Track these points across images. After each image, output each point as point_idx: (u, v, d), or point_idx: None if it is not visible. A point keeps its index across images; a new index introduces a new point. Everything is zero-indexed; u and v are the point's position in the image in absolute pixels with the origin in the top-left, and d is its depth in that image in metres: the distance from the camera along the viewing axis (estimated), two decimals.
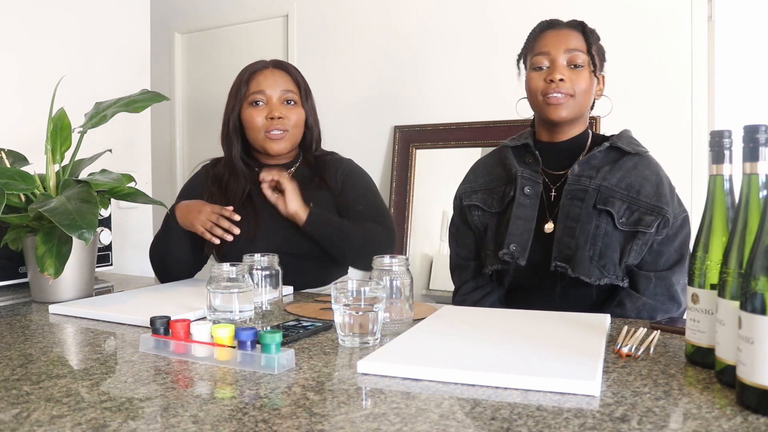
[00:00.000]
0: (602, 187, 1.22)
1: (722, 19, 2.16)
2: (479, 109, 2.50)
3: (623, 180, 1.23)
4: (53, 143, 1.32)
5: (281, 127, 1.53)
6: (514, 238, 1.26)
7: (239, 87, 1.56)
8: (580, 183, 1.24)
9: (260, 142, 1.54)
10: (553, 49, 1.26)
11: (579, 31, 1.28)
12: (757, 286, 0.62)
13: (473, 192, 1.39)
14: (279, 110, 1.52)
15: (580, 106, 1.27)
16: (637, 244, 1.21)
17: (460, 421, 0.62)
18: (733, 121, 2.12)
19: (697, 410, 0.64)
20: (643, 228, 1.20)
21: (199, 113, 3.27)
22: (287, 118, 1.53)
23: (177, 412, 0.65)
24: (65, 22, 2.07)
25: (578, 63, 1.25)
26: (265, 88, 1.53)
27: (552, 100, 1.25)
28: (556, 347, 0.84)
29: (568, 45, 1.26)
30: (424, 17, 2.65)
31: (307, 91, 1.60)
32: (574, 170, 1.26)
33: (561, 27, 1.29)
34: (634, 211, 1.21)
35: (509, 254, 1.25)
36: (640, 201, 1.21)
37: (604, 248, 1.21)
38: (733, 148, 0.77)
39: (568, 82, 1.24)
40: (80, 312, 1.15)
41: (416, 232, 2.60)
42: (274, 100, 1.53)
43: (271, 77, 1.55)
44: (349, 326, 0.90)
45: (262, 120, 1.53)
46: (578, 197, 1.23)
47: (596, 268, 1.20)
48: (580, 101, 1.26)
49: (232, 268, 1.02)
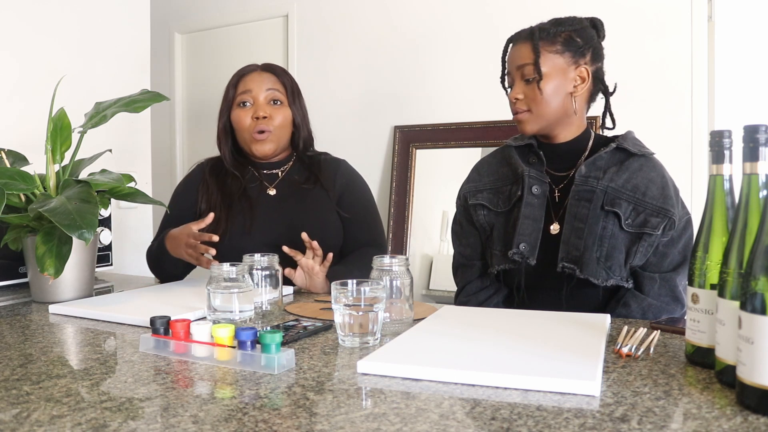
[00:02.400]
0: (609, 188, 1.22)
1: (722, 19, 2.16)
2: (479, 109, 2.50)
3: (629, 181, 1.23)
4: (53, 143, 1.32)
5: (266, 127, 1.54)
6: (523, 237, 1.26)
7: (228, 90, 1.60)
8: (587, 184, 1.24)
9: (248, 143, 1.57)
10: (511, 65, 1.31)
11: (528, 41, 1.27)
12: (757, 286, 0.62)
13: (478, 191, 1.38)
14: (264, 110, 1.55)
15: (543, 116, 1.27)
16: (642, 246, 1.21)
17: (460, 421, 0.62)
18: (733, 121, 2.12)
19: (697, 410, 0.64)
20: (649, 230, 1.20)
21: (199, 113, 3.27)
22: (272, 117, 1.55)
23: (177, 412, 0.65)
24: (65, 22, 2.07)
25: (528, 77, 1.27)
26: (252, 88, 1.56)
27: (516, 118, 1.31)
28: (556, 347, 0.84)
29: (518, 61, 1.28)
30: (424, 17, 2.65)
31: (295, 92, 1.61)
32: (581, 171, 1.25)
33: (517, 41, 1.30)
34: (639, 212, 1.21)
35: (519, 254, 1.25)
36: (646, 203, 1.21)
37: (610, 249, 1.21)
38: (733, 148, 0.77)
39: (524, 99, 1.28)
40: (80, 312, 1.15)
41: (416, 232, 2.60)
42: (260, 100, 1.56)
43: (257, 78, 1.58)
44: (349, 326, 0.90)
45: (248, 120, 1.55)
46: (586, 198, 1.23)
47: (603, 269, 1.20)
48: (540, 111, 1.27)
49: (232, 268, 1.02)
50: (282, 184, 1.59)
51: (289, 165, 1.63)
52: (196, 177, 1.64)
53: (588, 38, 1.28)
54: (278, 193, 1.58)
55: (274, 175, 1.61)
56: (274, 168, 1.62)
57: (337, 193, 1.58)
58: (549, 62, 1.25)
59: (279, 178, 1.61)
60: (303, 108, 1.63)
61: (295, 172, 1.61)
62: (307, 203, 1.56)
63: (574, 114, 1.29)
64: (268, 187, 1.59)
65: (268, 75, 1.59)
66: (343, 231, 1.57)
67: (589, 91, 1.30)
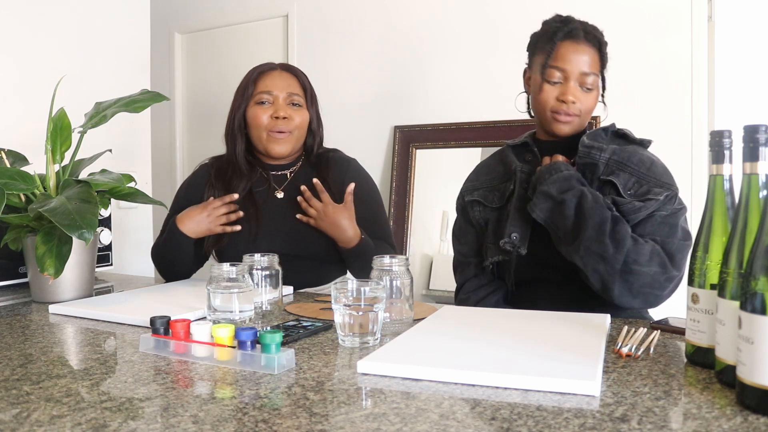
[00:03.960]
0: (611, 161, 1.23)
1: (722, 19, 2.16)
2: (479, 109, 2.50)
3: (634, 155, 1.24)
4: (53, 143, 1.32)
5: (285, 128, 1.53)
6: (515, 228, 1.27)
7: (246, 86, 1.57)
8: (590, 156, 1.24)
9: (263, 142, 1.55)
10: (570, 66, 1.25)
11: (596, 49, 1.27)
12: (757, 286, 0.62)
13: (474, 189, 1.41)
14: (284, 110, 1.53)
15: (583, 123, 1.31)
16: (642, 213, 1.19)
17: (460, 421, 0.62)
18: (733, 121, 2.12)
19: (697, 410, 0.64)
20: (652, 196, 1.19)
21: (199, 113, 3.27)
22: (291, 118, 1.54)
23: (177, 412, 0.65)
24: (65, 22, 2.07)
25: (590, 86, 1.26)
26: (273, 88, 1.55)
27: (560, 118, 1.27)
28: (556, 347, 0.84)
29: (584, 67, 1.25)
30: (424, 17, 2.65)
31: (313, 96, 1.61)
32: (584, 142, 1.25)
33: (580, 41, 1.26)
34: (643, 184, 1.21)
35: (510, 243, 1.26)
36: (650, 176, 1.21)
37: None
38: (733, 148, 0.77)
39: (578, 104, 1.26)
40: (80, 312, 1.15)
41: (416, 232, 2.60)
42: (280, 101, 1.54)
43: (279, 78, 1.57)
44: (349, 326, 0.90)
45: (266, 118, 1.53)
46: (589, 170, 1.24)
47: None
48: (584, 119, 1.30)
49: (232, 268, 1.02)
50: (290, 187, 1.58)
51: (297, 166, 1.62)
52: (202, 177, 1.63)
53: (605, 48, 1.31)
54: (286, 195, 1.57)
55: (282, 177, 1.61)
56: (282, 169, 1.61)
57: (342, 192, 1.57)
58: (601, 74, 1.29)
59: (287, 180, 1.60)
60: (318, 112, 1.63)
61: (303, 173, 1.61)
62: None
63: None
64: (276, 190, 1.58)
65: (288, 75, 1.58)
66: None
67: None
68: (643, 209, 1.19)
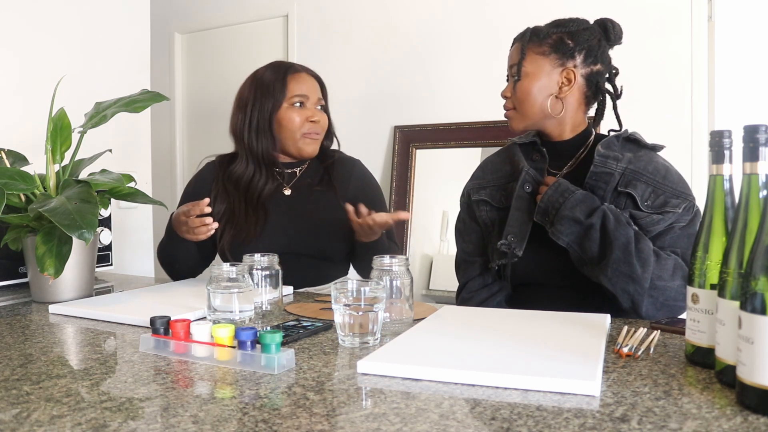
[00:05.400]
0: (628, 170, 1.22)
1: (722, 19, 2.16)
2: (479, 109, 2.50)
3: (650, 164, 1.23)
4: (53, 143, 1.32)
5: (319, 130, 1.59)
6: (512, 229, 1.27)
7: (273, 85, 1.56)
8: (606, 166, 1.23)
9: (296, 142, 1.57)
10: (508, 65, 1.34)
11: (519, 42, 1.31)
12: (757, 286, 0.62)
13: (481, 188, 1.40)
14: (317, 114, 1.58)
15: (526, 114, 1.30)
16: (661, 225, 1.19)
17: (460, 421, 0.62)
18: (733, 121, 2.12)
19: (697, 410, 0.64)
20: (669, 208, 1.19)
21: (199, 113, 3.27)
22: (321, 122, 1.59)
23: (177, 412, 0.65)
24: (66, 21, 2.06)
25: (514, 77, 1.30)
26: (307, 91, 1.58)
27: (504, 114, 1.35)
28: (556, 347, 0.84)
29: (509, 60, 1.33)
30: (424, 17, 2.65)
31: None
32: (600, 151, 1.24)
33: (514, 42, 1.34)
34: (659, 195, 1.20)
35: (506, 245, 1.26)
36: (666, 186, 1.21)
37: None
38: (733, 148, 0.77)
39: (511, 97, 1.32)
40: (80, 312, 1.15)
41: (416, 232, 2.60)
42: (313, 104, 1.59)
43: (309, 82, 1.60)
44: (349, 326, 0.90)
45: (301, 121, 1.56)
46: (603, 180, 1.23)
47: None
48: (523, 110, 1.30)
49: (232, 268, 1.02)
50: (298, 185, 1.61)
51: (305, 165, 1.65)
52: (209, 175, 1.64)
53: (583, 40, 1.27)
54: (293, 193, 1.60)
55: (291, 174, 1.63)
56: (293, 167, 1.64)
57: (350, 195, 1.58)
58: (533, 63, 1.28)
59: (296, 178, 1.62)
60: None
61: (310, 172, 1.64)
62: (320, 206, 1.57)
63: (562, 114, 1.29)
64: (285, 187, 1.60)
65: (313, 79, 1.62)
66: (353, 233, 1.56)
67: (581, 92, 1.30)
68: (662, 222, 1.19)
